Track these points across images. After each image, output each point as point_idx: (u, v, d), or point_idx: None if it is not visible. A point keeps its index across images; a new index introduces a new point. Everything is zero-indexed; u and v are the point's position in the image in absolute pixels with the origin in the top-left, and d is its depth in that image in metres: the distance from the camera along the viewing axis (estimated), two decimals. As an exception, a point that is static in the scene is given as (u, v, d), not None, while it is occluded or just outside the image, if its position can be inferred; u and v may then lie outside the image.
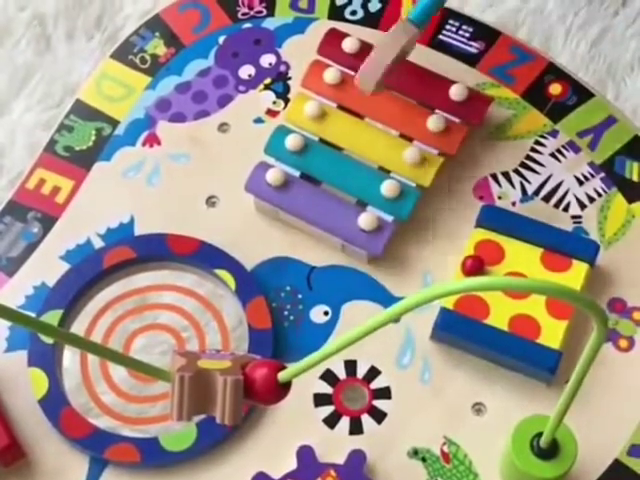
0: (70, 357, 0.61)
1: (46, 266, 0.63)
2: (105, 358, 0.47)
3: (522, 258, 0.62)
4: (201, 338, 0.62)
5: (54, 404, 0.59)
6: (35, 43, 0.92)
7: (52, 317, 0.61)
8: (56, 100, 0.89)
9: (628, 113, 0.81)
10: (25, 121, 0.89)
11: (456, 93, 0.66)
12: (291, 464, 0.57)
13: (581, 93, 0.69)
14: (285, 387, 0.49)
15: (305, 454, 0.57)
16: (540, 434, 0.53)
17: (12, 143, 0.88)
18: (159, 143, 0.68)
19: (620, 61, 0.95)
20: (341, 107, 0.67)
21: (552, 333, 0.59)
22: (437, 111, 0.66)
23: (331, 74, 0.67)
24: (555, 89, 0.69)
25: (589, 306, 0.38)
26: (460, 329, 0.60)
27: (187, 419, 0.47)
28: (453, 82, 0.67)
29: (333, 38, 0.68)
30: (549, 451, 0.53)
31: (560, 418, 0.50)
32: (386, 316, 0.41)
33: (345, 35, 0.67)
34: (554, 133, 0.68)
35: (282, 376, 0.48)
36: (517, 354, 0.59)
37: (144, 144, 0.68)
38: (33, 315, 0.61)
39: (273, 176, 0.64)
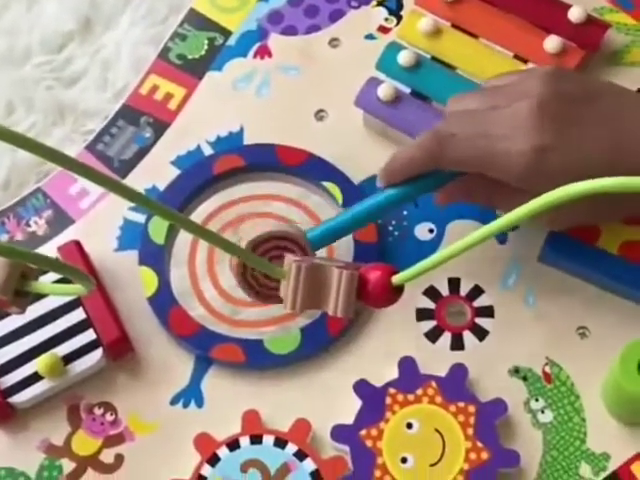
0: (180, 263, 0.62)
1: (157, 170, 0.64)
2: (222, 248, 0.48)
3: None
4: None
5: (163, 303, 0.60)
6: (142, -40, 0.93)
7: (162, 219, 0.62)
8: (161, 16, 0.90)
9: None
10: (130, 36, 0.90)
11: (574, 15, 0.65)
12: (393, 374, 0.58)
13: (702, 22, 0.67)
14: (397, 291, 0.49)
15: (407, 365, 0.58)
16: (649, 357, 0.53)
17: (117, 57, 0.90)
18: (270, 55, 0.68)
19: None
20: (455, 26, 0.66)
21: (664, 260, 0.59)
22: (553, 34, 0.65)
23: (447, -9, 0.66)
24: (675, 17, 0.68)
25: None
26: (569, 252, 0.59)
27: (300, 310, 0.47)
28: (570, 5, 0.65)
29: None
30: (658, 374, 0.53)
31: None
32: (515, 215, 0.41)
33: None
34: (672, 61, 0.66)
35: (396, 279, 0.49)
36: (626, 279, 0.58)
37: (255, 55, 0.68)
38: (144, 217, 0.63)
39: (384, 91, 0.63)
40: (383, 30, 0.68)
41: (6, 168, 0.82)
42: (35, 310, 0.58)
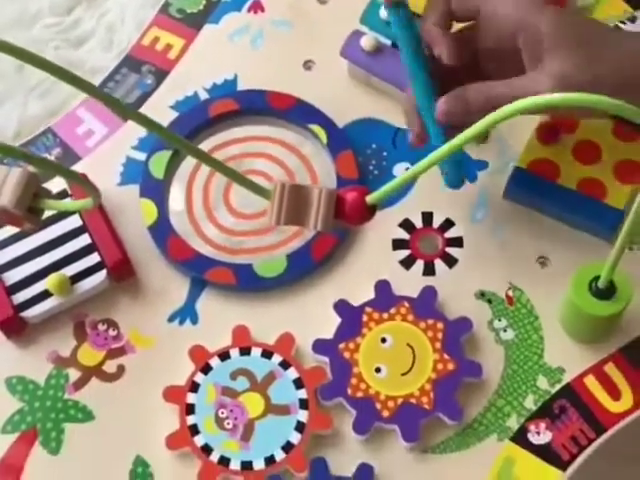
0: (177, 196, 0.68)
1: (158, 113, 0.69)
2: (216, 169, 0.53)
3: (594, 128, 0.67)
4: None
5: (161, 231, 0.66)
6: None
7: (162, 156, 0.68)
8: (163, -19, 0.96)
9: None
10: (133, 0, 0.96)
11: (543, -24, 0.70)
12: (369, 295, 0.63)
13: (662, -16, 0.73)
14: (372, 210, 0.55)
15: (382, 287, 0.63)
16: (599, 277, 0.58)
17: (122, 20, 0.95)
18: (263, 10, 0.74)
19: None
20: (433, -16, 0.71)
21: (617, 195, 0.64)
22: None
23: (426, -48, 0.71)
24: (638, -21, 0.73)
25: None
26: (531, 187, 0.65)
27: (284, 224, 0.53)
28: (540, -33, 0.71)
29: None
30: (606, 292, 0.58)
31: (618, 256, 0.55)
32: (472, 131, 0.47)
33: None
34: (633, 19, 0.72)
35: (370, 198, 0.54)
36: (583, 212, 0.64)
37: (249, 10, 0.74)
38: (144, 155, 0.68)
39: (367, 42, 0.69)
40: (367, -13, 0.74)
41: (16, 121, 0.88)
42: (46, 235, 0.64)
